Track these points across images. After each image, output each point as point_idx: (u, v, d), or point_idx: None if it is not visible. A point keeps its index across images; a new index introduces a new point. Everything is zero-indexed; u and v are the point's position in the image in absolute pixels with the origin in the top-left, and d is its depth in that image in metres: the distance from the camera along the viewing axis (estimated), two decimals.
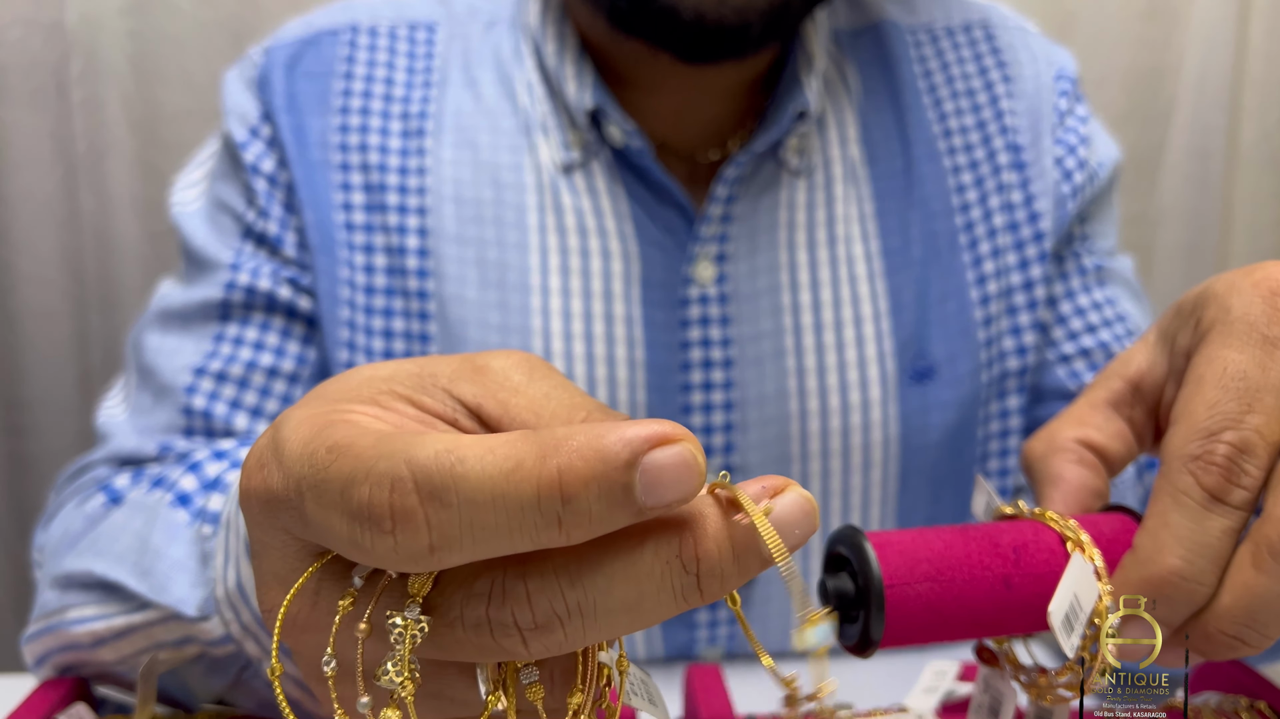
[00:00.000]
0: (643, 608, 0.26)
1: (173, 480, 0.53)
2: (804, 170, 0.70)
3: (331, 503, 0.25)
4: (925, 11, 0.77)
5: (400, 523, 0.24)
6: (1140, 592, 0.36)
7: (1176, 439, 0.36)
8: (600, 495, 0.24)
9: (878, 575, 0.35)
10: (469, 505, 0.24)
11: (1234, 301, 0.38)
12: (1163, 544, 0.36)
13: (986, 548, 0.37)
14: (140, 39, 1.22)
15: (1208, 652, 0.37)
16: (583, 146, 0.69)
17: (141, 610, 0.48)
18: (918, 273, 0.71)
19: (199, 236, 0.69)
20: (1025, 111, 0.74)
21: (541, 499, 0.24)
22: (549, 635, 0.26)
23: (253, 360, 0.67)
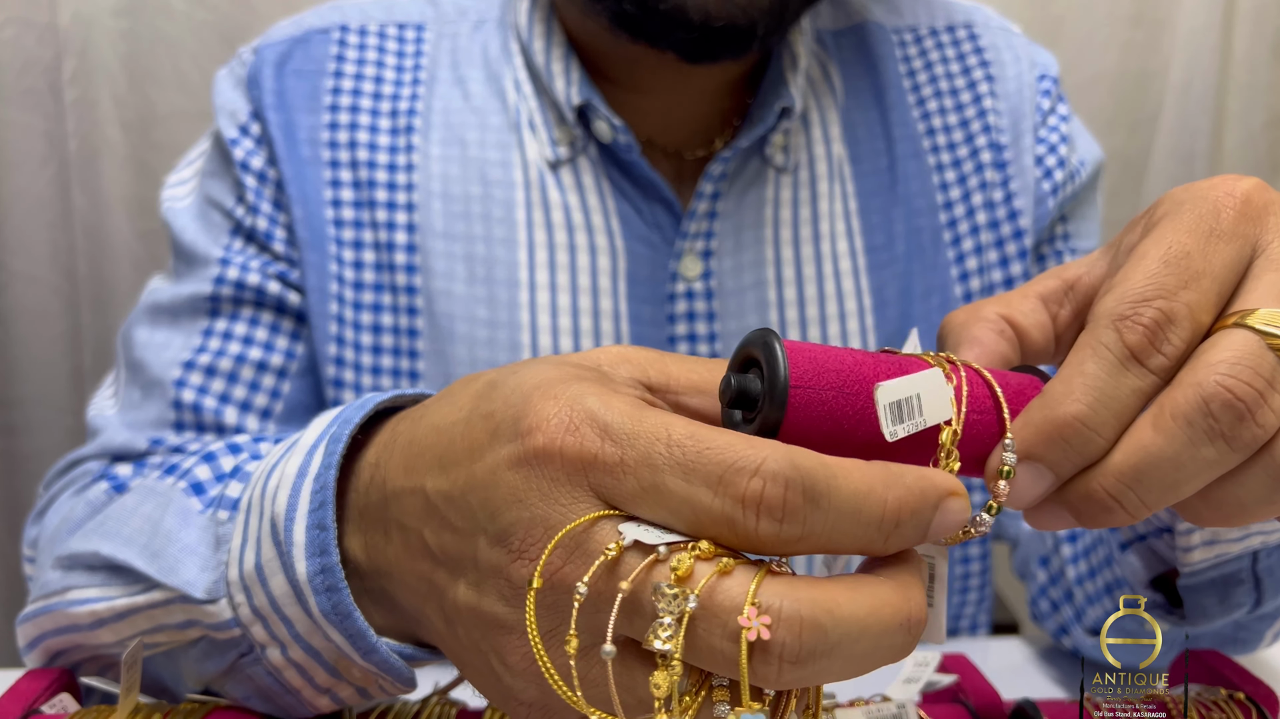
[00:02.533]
0: (870, 661, 0.30)
1: (186, 469, 0.54)
2: (789, 167, 0.71)
3: (706, 481, 0.30)
4: (910, 13, 0.78)
5: (789, 516, 0.30)
6: (1040, 433, 0.36)
7: (1109, 300, 0.37)
8: (915, 525, 0.31)
9: (784, 374, 0.35)
10: (835, 513, 0.30)
11: (1188, 198, 0.39)
12: (1072, 390, 0.36)
13: (895, 372, 0.37)
14: (133, 39, 1.22)
15: (1083, 512, 0.37)
16: (570, 143, 0.69)
17: (147, 592, 0.48)
18: (901, 269, 0.71)
19: (189, 233, 0.70)
20: (1007, 111, 0.75)
21: (884, 521, 0.31)
22: (799, 670, 0.29)
23: (241, 354, 0.67)
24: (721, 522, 0.30)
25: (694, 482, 0.30)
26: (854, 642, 0.30)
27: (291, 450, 0.44)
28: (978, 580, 0.77)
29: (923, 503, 0.31)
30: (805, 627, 0.29)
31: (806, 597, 0.29)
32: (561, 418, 0.32)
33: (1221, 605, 0.54)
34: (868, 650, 0.30)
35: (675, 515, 0.31)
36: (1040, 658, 0.70)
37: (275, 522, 0.42)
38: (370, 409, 0.43)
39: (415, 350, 0.68)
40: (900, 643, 0.31)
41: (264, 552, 0.43)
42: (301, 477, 0.42)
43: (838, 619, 0.29)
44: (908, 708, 0.52)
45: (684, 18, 0.61)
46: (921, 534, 0.31)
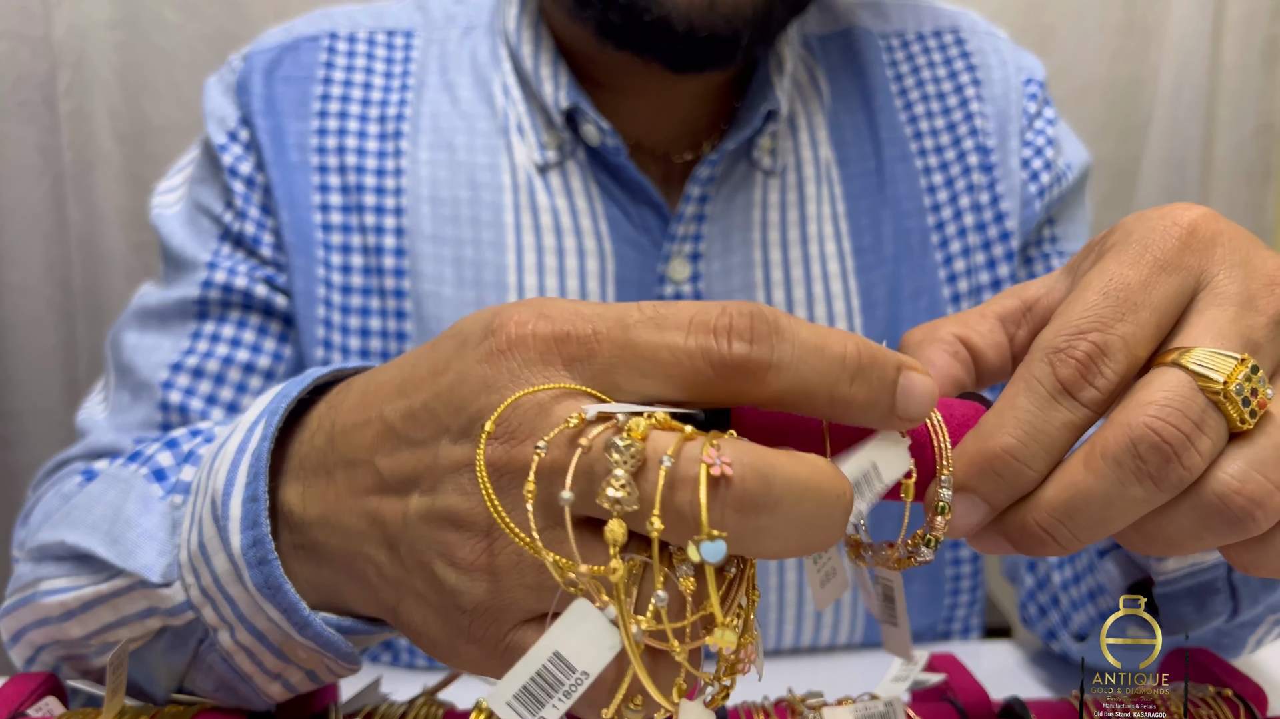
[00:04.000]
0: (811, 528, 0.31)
1: (149, 455, 0.54)
2: (776, 170, 0.71)
3: (677, 327, 0.31)
4: (897, 18, 0.78)
5: (758, 339, 0.31)
6: (973, 464, 0.36)
7: (1046, 333, 0.37)
8: (879, 377, 0.32)
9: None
10: (801, 345, 0.31)
11: (1137, 227, 0.39)
12: (1004, 423, 0.36)
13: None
14: (128, 52, 1.23)
15: (1019, 542, 0.37)
16: (558, 146, 0.70)
17: (110, 579, 0.48)
18: (889, 271, 0.72)
19: (177, 238, 0.70)
20: (994, 115, 0.75)
21: (847, 359, 0.31)
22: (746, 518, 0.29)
23: (229, 356, 0.67)
24: (697, 356, 0.31)
25: (666, 329, 0.31)
26: (796, 500, 0.30)
27: (234, 430, 0.44)
28: (969, 583, 0.77)
29: (884, 355, 0.32)
30: (753, 472, 0.29)
31: (755, 450, 0.30)
32: (532, 310, 0.33)
33: (1199, 614, 0.54)
34: (808, 515, 0.30)
35: (650, 367, 0.31)
36: (1032, 661, 0.70)
37: (215, 498, 0.42)
38: (309, 383, 0.43)
39: (403, 353, 0.68)
40: (837, 518, 0.31)
41: (205, 529, 0.43)
42: (240, 452, 0.42)
43: (783, 474, 0.30)
44: (895, 706, 0.52)
45: (668, 28, 0.62)
46: (887, 394, 0.32)
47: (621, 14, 0.63)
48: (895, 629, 0.41)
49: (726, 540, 0.29)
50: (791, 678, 0.65)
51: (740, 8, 0.62)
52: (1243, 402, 0.35)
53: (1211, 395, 0.35)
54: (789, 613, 0.72)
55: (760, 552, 0.30)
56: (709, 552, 0.28)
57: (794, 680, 0.61)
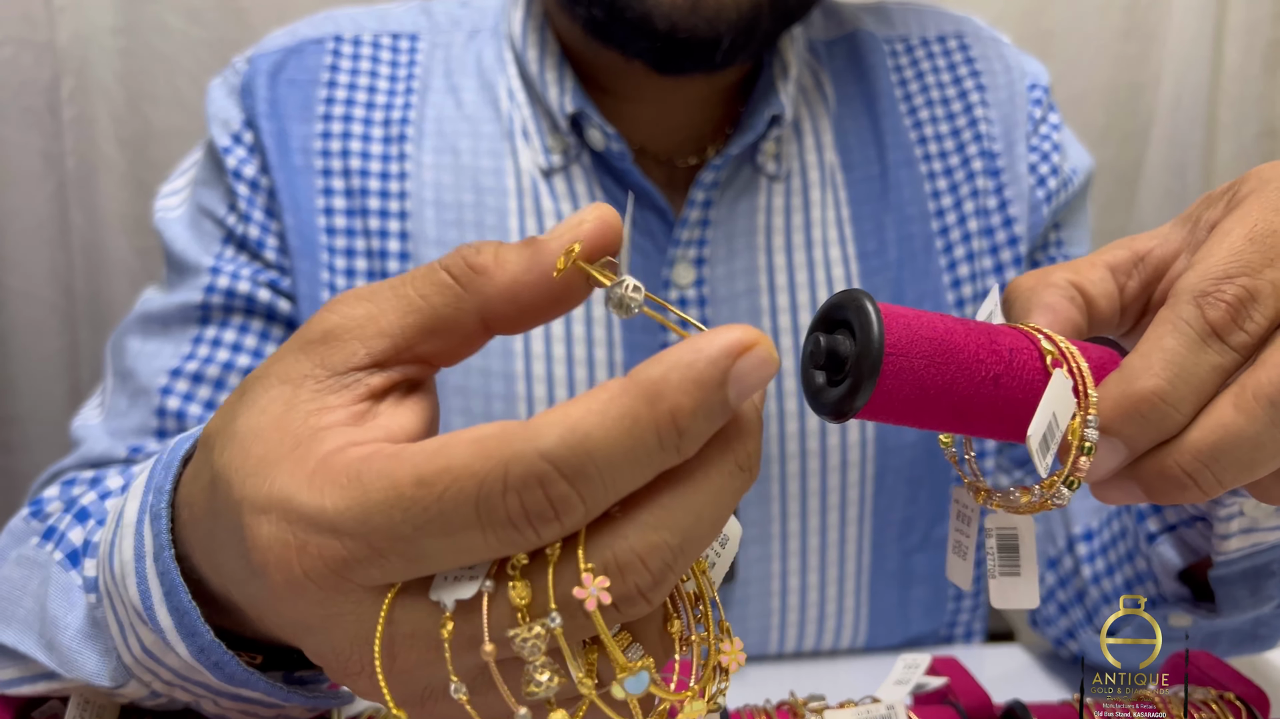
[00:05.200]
0: (719, 518, 0.29)
1: (61, 532, 0.50)
2: (780, 175, 0.72)
3: (464, 524, 0.27)
4: (901, 23, 0.78)
5: (562, 509, 0.27)
6: (1118, 407, 0.36)
7: (1191, 277, 0.37)
8: (705, 417, 0.27)
9: (879, 338, 0.34)
10: (608, 472, 0.27)
11: (1273, 175, 0.39)
12: (1151, 364, 0.35)
13: (985, 343, 0.36)
14: (131, 58, 1.23)
15: (1155, 488, 0.37)
16: (563, 151, 0.70)
17: (60, 679, 0.45)
18: (893, 275, 0.72)
19: (180, 242, 0.70)
20: (999, 119, 0.75)
21: (663, 440, 0.27)
22: (661, 587, 0.28)
23: (229, 361, 0.67)
24: (504, 547, 0.28)
25: (454, 530, 0.27)
26: (696, 528, 0.28)
27: (119, 528, 0.40)
28: (972, 588, 0.77)
29: (702, 394, 0.27)
30: (646, 556, 0.28)
31: (633, 528, 0.28)
32: (283, 540, 0.29)
33: (1253, 597, 0.54)
34: (709, 516, 0.29)
35: (457, 560, 0.28)
36: (1036, 665, 0.70)
37: (138, 610, 0.39)
38: (176, 468, 0.39)
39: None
40: (741, 483, 0.29)
41: (144, 637, 0.40)
42: (140, 559, 0.38)
43: (671, 524, 0.28)
44: (897, 709, 0.52)
45: (650, 26, 0.62)
46: (721, 415, 0.28)
47: (605, 10, 0.63)
48: (1017, 579, 0.40)
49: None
50: (794, 681, 0.65)
51: (723, 10, 0.62)
52: None
53: None
54: (791, 617, 0.72)
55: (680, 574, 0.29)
56: (632, 685, 0.28)
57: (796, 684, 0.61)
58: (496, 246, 0.32)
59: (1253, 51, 1.31)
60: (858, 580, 0.73)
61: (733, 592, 0.71)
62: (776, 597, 0.72)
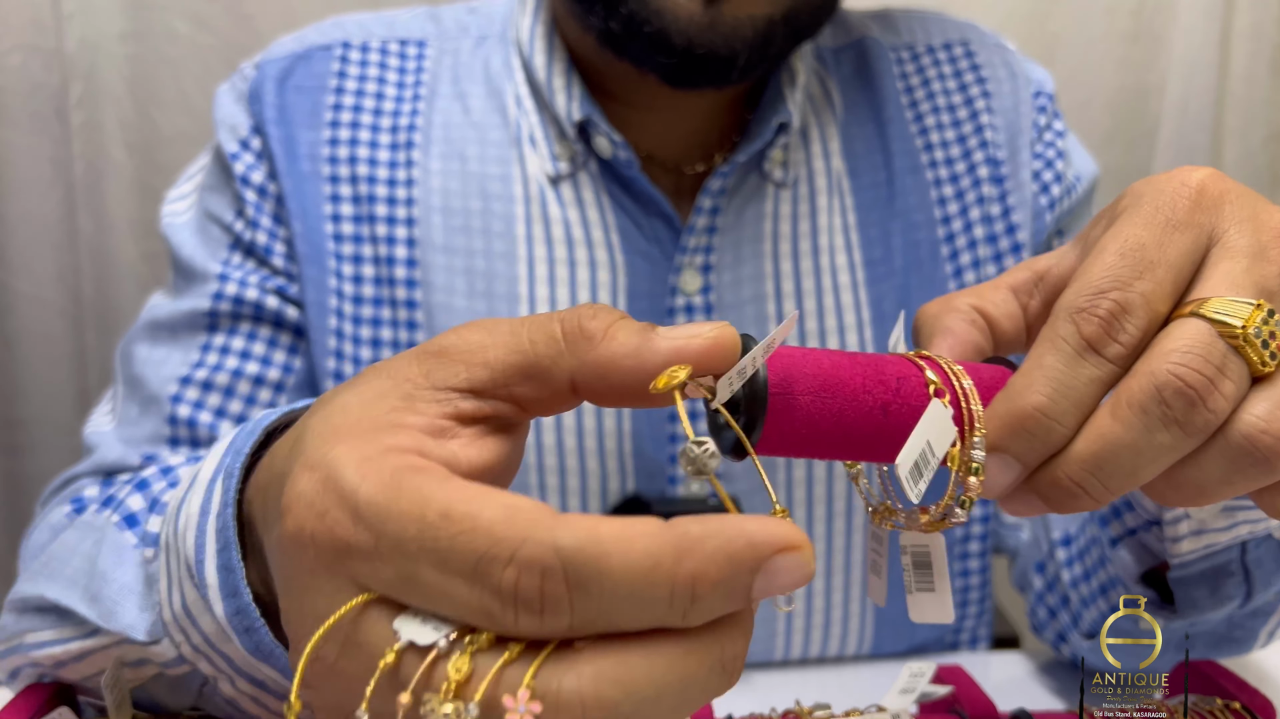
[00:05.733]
0: (685, 708, 0.28)
1: (120, 499, 0.53)
2: (787, 182, 0.72)
3: (460, 572, 0.27)
4: (907, 31, 0.78)
5: (550, 608, 0.27)
6: (1005, 424, 0.37)
7: (1068, 294, 0.38)
8: (723, 595, 0.27)
9: (762, 379, 0.35)
10: (609, 597, 0.27)
11: (1146, 190, 0.40)
12: (1032, 382, 0.37)
13: (871, 374, 0.37)
14: (139, 64, 1.24)
15: (1051, 499, 0.38)
16: (571, 158, 0.70)
17: (95, 635, 0.47)
18: (899, 282, 0.72)
19: (188, 248, 0.70)
20: (1004, 127, 0.75)
21: (675, 598, 0.27)
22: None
23: (239, 369, 0.68)
24: (480, 615, 0.27)
25: (449, 572, 0.27)
26: (654, 704, 0.27)
27: (193, 486, 0.43)
28: (977, 594, 0.77)
29: (730, 570, 0.27)
30: (589, 704, 0.27)
31: (591, 671, 0.27)
32: (311, 498, 0.30)
33: (1213, 598, 0.54)
34: (675, 700, 0.28)
35: (437, 607, 0.28)
36: (1041, 671, 0.70)
37: (189, 563, 0.41)
38: (259, 435, 0.42)
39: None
40: (715, 686, 0.28)
41: (187, 593, 0.42)
42: (204, 515, 0.41)
43: (630, 688, 0.27)
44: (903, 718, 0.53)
45: (666, 42, 0.62)
46: (739, 600, 0.27)
47: (622, 24, 0.63)
48: (931, 595, 0.41)
49: None
50: (799, 689, 0.65)
51: (740, 28, 0.62)
52: (1261, 344, 0.36)
53: (1231, 340, 0.36)
54: (796, 623, 0.72)
55: None
56: None
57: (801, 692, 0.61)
58: (615, 318, 0.33)
59: (1259, 56, 1.31)
60: (863, 587, 0.73)
61: None
62: None
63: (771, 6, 0.63)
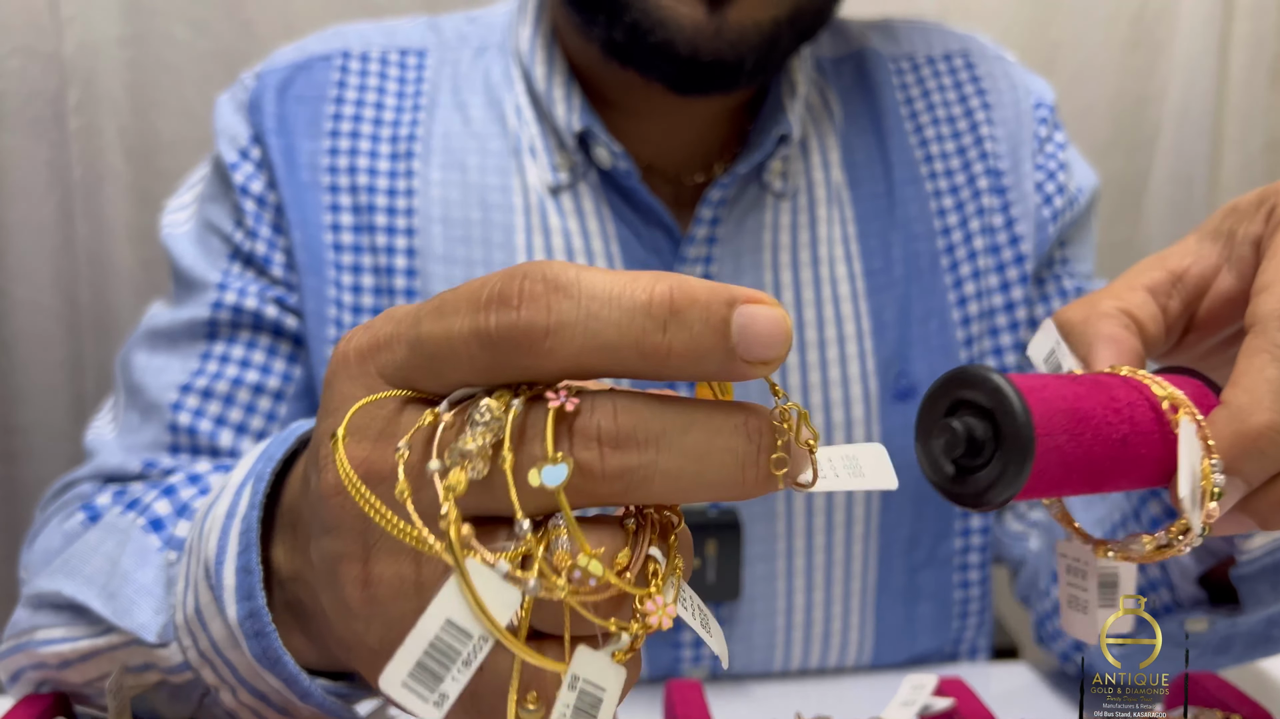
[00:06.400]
0: (709, 460, 0.28)
1: (146, 504, 0.53)
2: (787, 193, 0.72)
3: (454, 308, 0.28)
4: (907, 41, 0.78)
5: (526, 302, 0.27)
6: (1233, 446, 0.36)
7: (1271, 301, 0.37)
8: (703, 320, 0.27)
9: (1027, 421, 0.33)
10: (588, 298, 0.27)
11: None
12: (1259, 399, 0.36)
13: (1107, 402, 0.36)
14: (137, 69, 1.23)
15: (1273, 519, 0.37)
16: (570, 168, 0.70)
17: (105, 634, 0.48)
18: (900, 292, 0.72)
19: (187, 258, 0.70)
20: (1005, 138, 0.75)
21: (653, 305, 0.27)
22: (623, 454, 0.27)
23: (239, 377, 0.67)
24: (470, 340, 0.28)
25: (445, 315, 0.29)
26: (682, 432, 0.28)
27: (223, 491, 0.43)
28: (977, 605, 0.77)
29: (708, 294, 0.27)
30: (621, 409, 0.28)
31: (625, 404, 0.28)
32: (361, 326, 0.32)
33: (1275, 592, 0.54)
34: (700, 444, 0.28)
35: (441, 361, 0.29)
36: (1041, 682, 0.70)
37: (208, 565, 0.42)
38: (294, 441, 0.42)
39: None
40: (741, 448, 0.28)
41: (201, 596, 0.42)
42: (230, 518, 0.41)
43: (658, 409, 0.28)
44: None
45: (671, 51, 0.62)
46: (716, 336, 0.27)
47: (625, 33, 0.63)
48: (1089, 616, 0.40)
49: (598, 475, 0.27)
50: (799, 700, 0.65)
51: (746, 34, 0.62)
52: None
53: None
54: (796, 634, 0.72)
55: (652, 493, 0.28)
56: (549, 475, 0.27)
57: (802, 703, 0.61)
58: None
59: (1258, 64, 1.31)
60: (863, 598, 0.73)
61: (738, 609, 0.71)
62: (782, 614, 0.72)
63: (776, 9, 0.63)
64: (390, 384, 0.31)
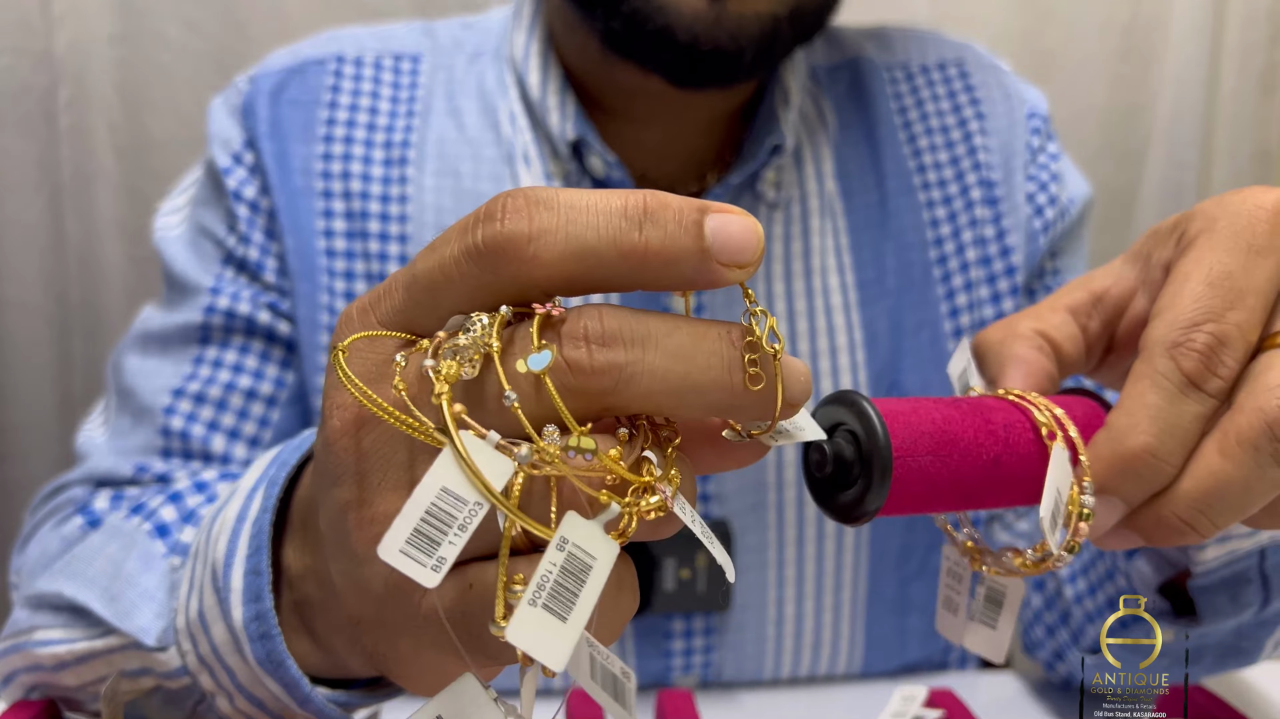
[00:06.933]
0: (694, 362, 0.29)
1: (153, 509, 0.53)
2: (780, 203, 0.72)
3: (445, 241, 0.29)
4: (901, 50, 0.78)
5: (509, 214, 0.29)
6: (1110, 467, 0.37)
7: (1160, 327, 0.38)
8: (676, 221, 0.29)
9: (885, 444, 0.34)
10: (567, 208, 0.29)
11: (1220, 213, 0.40)
12: (1137, 422, 0.37)
13: (980, 424, 0.37)
14: (128, 67, 1.23)
15: (1156, 536, 0.38)
16: (564, 177, 0.70)
17: (104, 636, 0.48)
18: (892, 303, 0.72)
19: (180, 262, 0.70)
20: (998, 148, 0.75)
21: (628, 208, 0.28)
22: (609, 351, 0.28)
23: (231, 382, 0.67)
24: (461, 261, 0.29)
25: (437, 247, 0.30)
26: (667, 335, 0.29)
27: (233, 495, 0.44)
28: None
29: (681, 201, 0.29)
30: (606, 314, 0.29)
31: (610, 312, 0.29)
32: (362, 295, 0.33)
33: (1233, 604, 0.54)
34: (685, 346, 0.29)
35: (436, 295, 0.30)
36: (1031, 692, 0.70)
37: (215, 568, 0.42)
38: (306, 449, 0.42)
39: None
40: (726, 352, 0.29)
41: (205, 598, 0.43)
42: (240, 521, 0.42)
43: (643, 314, 0.29)
44: None
45: (671, 38, 0.62)
46: (690, 236, 0.29)
47: (624, 22, 0.62)
48: (991, 632, 0.41)
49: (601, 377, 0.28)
50: (789, 709, 0.65)
51: (746, 24, 0.62)
52: None
53: None
54: (787, 643, 0.72)
55: (640, 391, 0.29)
56: (534, 360, 0.28)
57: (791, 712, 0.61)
58: None
59: (1248, 74, 1.31)
60: (854, 608, 0.73)
61: (729, 617, 0.71)
62: (773, 623, 0.72)
63: (777, 4, 0.62)
64: (390, 329, 0.31)
